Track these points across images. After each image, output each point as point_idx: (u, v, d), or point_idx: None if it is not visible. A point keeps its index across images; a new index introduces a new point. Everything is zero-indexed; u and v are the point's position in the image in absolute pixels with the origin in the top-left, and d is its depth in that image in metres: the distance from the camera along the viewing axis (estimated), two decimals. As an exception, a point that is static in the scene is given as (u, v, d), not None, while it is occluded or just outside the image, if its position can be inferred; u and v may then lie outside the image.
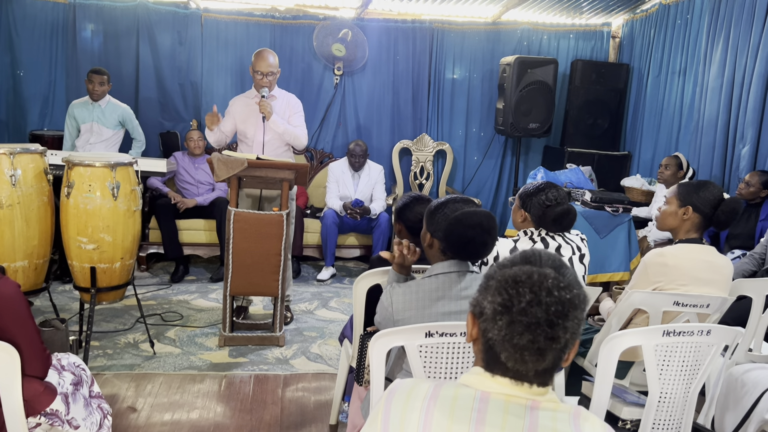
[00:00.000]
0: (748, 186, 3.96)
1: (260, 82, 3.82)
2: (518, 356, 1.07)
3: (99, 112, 4.88)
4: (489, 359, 1.12)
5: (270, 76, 3.83)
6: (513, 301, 1.06)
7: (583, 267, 2.51)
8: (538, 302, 1.05)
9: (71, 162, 3.18)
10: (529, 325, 1.05)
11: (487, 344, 1.11)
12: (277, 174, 3.59)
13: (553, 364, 1.09)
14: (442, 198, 2.07)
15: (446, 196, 2.08)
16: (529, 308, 1.05)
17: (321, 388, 3.30)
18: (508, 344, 1.07)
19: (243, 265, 3.59)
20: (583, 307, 1.09)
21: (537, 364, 1.07)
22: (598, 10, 5.84)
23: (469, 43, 6.04)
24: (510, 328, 1.06)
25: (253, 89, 3.95)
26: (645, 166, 5.50)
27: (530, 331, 1.05)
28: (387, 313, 1.98)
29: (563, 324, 1.06)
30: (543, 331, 1.05)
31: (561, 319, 1.05)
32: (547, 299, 1.05)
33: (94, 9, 5.50)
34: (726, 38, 4.46)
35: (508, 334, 1.06)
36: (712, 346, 1.97)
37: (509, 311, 1.06)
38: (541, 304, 1.05)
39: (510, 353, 1.07)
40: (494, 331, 1.08)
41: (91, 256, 3.21)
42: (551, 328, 1.05)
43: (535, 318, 1.05)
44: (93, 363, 3.37)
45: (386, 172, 5.82)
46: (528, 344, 1.05)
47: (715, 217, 2.41)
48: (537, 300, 1.05)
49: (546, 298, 1.05)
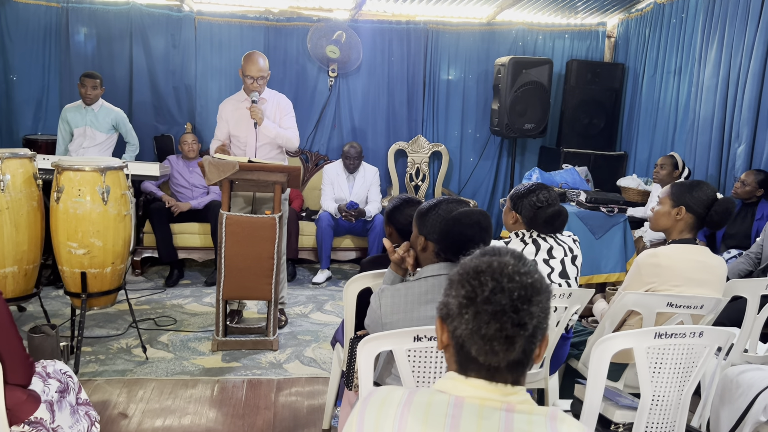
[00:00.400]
0: (744, 185, 3.94)
1: (250, 87, 3.78)
2: (488, 347, 1.06)
3: (92, 116, 4.86)
4: (461, 359, 1.11)
5: (260, 80, 3.78)
6: (476, 291, 1.06)
7: (575, 268, 2.49)
8: (501, 289, 1.05)
9: (60, 167, 3.16)
10: (495, 313, 1.05)
11: (458, 344, 1.10)
12: (269, 177, 3.56)
13: (524, 355, 1.08)
14: (433, 200, 2.04)
15: (436, 198, 2.05)
16: (493, 296, 1.05)
17: (314, 392, 3.27)
18: (476, 336, 1.06)
19: (235, 268, 3.56)
20: (546, 294, 1.09)
21: (507, 353, 1.06)
22: (593, 10, 5.82)
23: (463, 43, 6.02)
24: (476, 319, 1.06)
25: (243, 92, 3.92)
26: (641, 165, 5.48)
27: (496, 318, 1.05)
28: (375, 316, 1.96)
29: (528, 309, 1.05)
30: (509, 317, 1.04)
31: (525, 303, 1.05)
32: (510, 285, 1.06)
33: (87, 12, 5.48)
34: (721, 37, 4.44)
35: (475, 326, 1.06)
36: (704, 348, 1.95)
37: (473, 302, 1.06)
38: (504, 291, 1.05)
39: (480, 345, 1.06)
40: (461, 326, 1.08)
41: (82, 261, 3.19)
42: (516, 314, 1.05)
43: (499, 305, 1.05)
44: (84, 369, 3.34)
45: (382, 174, 5.79)
46: (496, 333, 1.05)
47: (709, 218, 2.39)
48: (500, 287, 1.05)
49: (508, 284, 1.06)
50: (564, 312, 2.38)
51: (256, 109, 3.73)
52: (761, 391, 2.26)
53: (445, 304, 1.13)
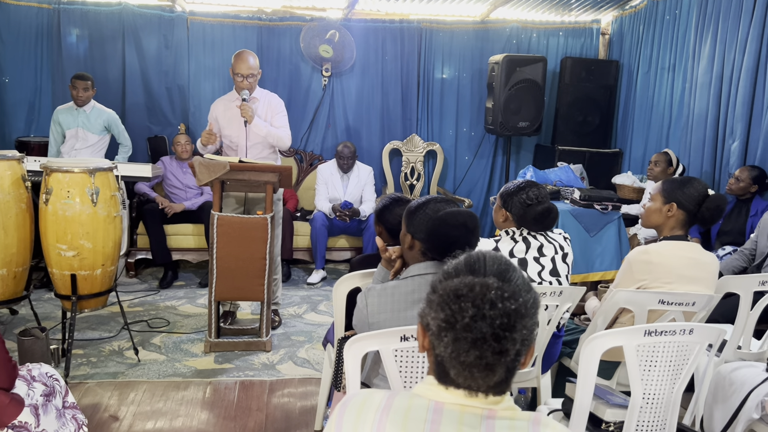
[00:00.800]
0: (738, 181, 3.92)
1: (240, 85, 3.77)
2: (467, 373, 1.02)
3: (84, 118, 4.84)
4: (440, 373, 1.07)
5: (250, 78, 3.77)
6: (456, 317, 1.01)
7: (566, 266, 2.47)
8: (482, 317, 0.99)
9: (49, 168, 3.14)
10: (475, 341, 0.99)
11: (437, 360, 1.06)
12: (261, 177, 3.54)
13: (507, 374, 1.04)
14: (422, 198, 2.02)
15: (425, 197, 2.03)
16: (473, 323, 0.99)
17: (307, 393, 3.25)
18: (455, 362, 1.02)
19: (227, 269, 3.54)
20: (532, 314, 1.03)
21: (487, 380, 1.02)
22: (587, 7, 5.81)
23: (457, 42, 6.00)
24: (456, 345, 1.01)
25: (234, 92, 3.90)
26: (636, 163, 5.47)
27: (476, 347, 0.99)
28: (362, 315, 1.94)
29: (511, 336, 1.00)
30: (489, 346, 0.99)
31: (508, 331, 1.00)
32: (491, 312, 0.99)
33: (79, 14, 5.46)
34: (714, 33, 4.43)
35: (454, 352, 1.01)
36: (695, 345, 1.93)
37: (453, 328, 1.01)
38: (485, 318, 0.99)
39: (458, 370, 1.02)
40: (440, 347, 1.03)
41: (71, 264, 3.16)
42: (498, 342, 0.99)
43: (480, 333, 0.99)
44: (76, 372, 3.32)
45: (376, 173, 5.78)
46: (476, 361, 1.00)
47: (700, 214, 2.37)
48: (480, 314, 0.99)
49: (489, 311, 0.99)
50: (555, 310, 2.36)
51: (246, 107, 3.72)
52: (754, 388, 2.24)
53: (425, 316, 1.08)
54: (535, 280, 2.42)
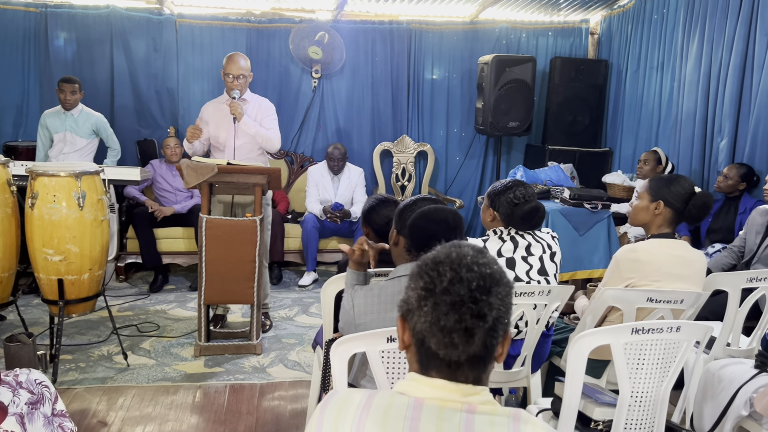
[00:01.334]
0: (727, 179, 3.94)
1: (231, 85, 3.79)
2: (447, 340, 1.03)
3: (72, 122, 4.81)
4: (422, 357, 1.08)
5: (240, 79, 3.79)
6: (435, 282, 1.05)
7: (554, 265, 2.46)
8: (459, 279, 1.04)
9: (35, 172, 3.11)
10: (453, 303, 1.03)
11: (418, 340, 1.07)
12: (249, 179, 3.53)
13: (485, 350, 1.05)
14: (411, 198, 2.03)
15: (416, 196, 2.04)
16: (451, 286, 1.03)
17: (298, 396, 3.24)
18: (435, 328, 1.04)
19: (217, 272, 3.52)
20: (506, 285, 1.07)
21: (467, 346, 1.04)
22: (575, 7, 5.82)
23: (447, 42, 6.00)
24: (435, 310, 1.04)
25: (225, 94, 3.90)
26: (626, 161, 5.48)
27: (455, 309, 1.03)
28: (348, 317, 1.93)
29: (487, 300, 1.03)
30: (468, 308, 1.02)
31: (484, 294, 1.03)
32: (468, 275, 1.04)
33: (66, 17, 5.43)
34: (701, 32, 4.44)
35: (434, 318, 1.04)
36: (682, 343, 1.93)
37: (432, 293, 1.04)
38: (462, 281, 1.03)
39: (439, 338, 1.04)
40: (421, 319, 1.05)
41: (58, 268, 3.14)
42: (475, 304, 1.03)
43: (458, 296, 1.03)
44: (64, 377, 3.29)
45: (367, 174, 5.77)
46: (455, 324, 1.03)
47: (687, 212, 2.37)
48: (458, 277, 1.04)
49: (466, 274, 1.04)
50: (544, 309, 2.36)
51: (236, 104, 3.73)
52: (742, 385, 2.24)
53: (405, 300, 1.11)
54: (523, 280, 2.42)
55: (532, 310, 2.34)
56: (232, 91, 3.77)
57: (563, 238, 4.03)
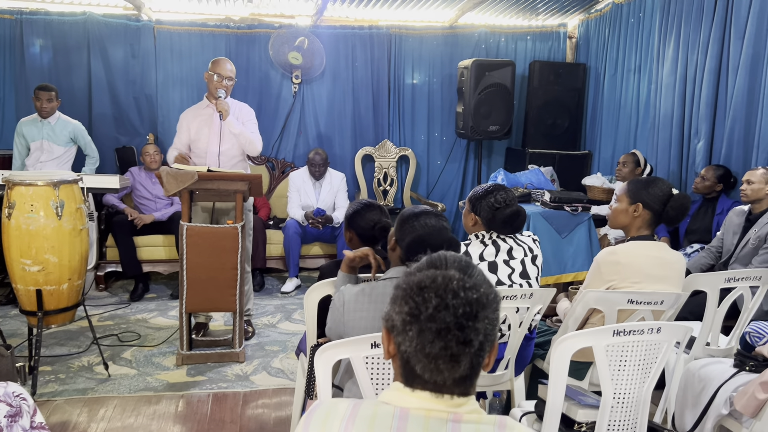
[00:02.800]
0: (704, 180, 3.99)
1: (217, 84, 3.78)
2: (433, 366, 1.02)
3: (49, 129, 4.75)
4: (407, 373, 1.07)
5: (228, 81, 3.81)
6: (420, 308, 1.02)
7: (536, 268, 2.48)
8: (445, 306, 1.01)
9: (11, 182, 3.07)
10: (439, 331, 1.01)
11: (403, 358, 1.06)
12: (230, 186, 3.51)
13: (471, 370, 1.04)
14: (418, 208, 2.03)
15: (421, 207, 2.04)
16: (437, 313, 1.01)
17: (282, 403, 3.22)
18: (420, 354, 1.02)
19: (198, 280, 3.49)
20: (494, 307, 1.05)
21: (453, 372, 1.02)
22: (553, 11, 5.87)
23: (427, 47, 6.03)
24: (420, 337, 1.02)
25: (205, 100, 3.89)
26: (605, 164, 5.53)
27: (441, 337, 1.01)
28: (338, 314, 1.93)
29: (474, 326, 1.02)
30: (454, 335, 1.00)
31: (471, 320, 1.01)
32: (454, 302, 1.01)
33: (42, 24, 5.36)
34: (677, 35, 4.51)
35: (419, 344, 1.02)
36: (663, 344, 1.95)
37: (417, 319, 1.02)
38: (448, 308, 1.01)
39: (424, 364, 1.02)
40: (406, 342, 1.04)
41: (36, 279, 3.09)
42: (461, 331, 1.01)
43: (443, 323, 1.01)
44: (43, 389, 3.24)
45: (349, 179, 5.76)
46: (441, 352, 1.01)
47: (665, 213, 2.40)
48: (444, 304, 1.01)
49: (452, 300, 1.01)
50: (526, 312, 2.37)
51: (222, 102, 3.72)
52: (722, 384, 2.28)
53: (389, 317, 1.09)
54: (505, 283, 2.43)
55: (514, 313, 2.35)
56: (218, 90, 3.77)
57: (545, 241, 4.07)
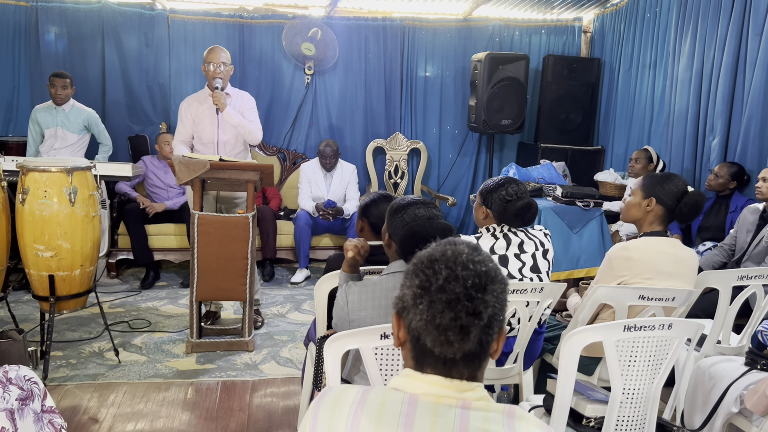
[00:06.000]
0: (717, 177, 3.96)
1: (212, 74, 3.78)
2: (443, 338, 1.03)
3: (63, 117, 4.77)
4: (417, 354, 1.08)
5: (222, 68, 3.79)
6: (431, 280, 1.04)
7: (546, 262, 2.47)
8: (455, 277, 1.03)
9: (26, 168, 3.09)
10: (449, 301, 1.02)
11: (414, 337, 1.07)
12: (242, 175, 3.51)
13: (480, 347, 1.05)
14: (405, 199, 2.01)
15: (408, 198, 2.02)
16: (447, 284, 1.03)
17: (290, 392, 3.23)
18: (431, 326, 1.04)
19: (208, 269, 3.51)
20: (501, 282, 1.07)
21: (463, 344, 1.04)
22: (568, 5, 5.83)
23: (440, 40, 6.00)
24: (431, 308, 1.03)
25: (206, 89, 3.91)
26: (618, 160, 5.50)
27: (451, 307, 1.02)
28: (342, 312, 1.93)
29: (483, 297, 1.03)
30: (463, 306, 1.02)
31: (480, 292, 1.03)
32: (464, 273, 1.04)
33: (57, 11, 5.39)
34: (694, 31, 4.46)
35: (429, 316, 1.03)
36: (674, 340, 1.94)
37: (428, 291, 1.04)
38: (458, 279, 1.03)
39: (434, 336, 1.04)
40: (416, 317, 1.05)
41: (49, 264, 3.12)
42: (471, 302, 1.03)
43: (453, 294, 1.03)
44: (54, 374, 3.28)
45: (360, 171, 5.76)
46: (450, 323, 1.02)
47: (678, 210, 2.38)
48: (454, 275, 1.04)
49: (462, 272, 1.04)
50: (536, 307, 2.36)
51: (219, 95, 3.72)
52: (733, 382, 2.26)
53: (401, 298, 1.10)
54: (516, 277, 2.42)
55: (524, 307, 2.34)
56: (215, 80, 3.76)
57: (556, 236, 4.05)
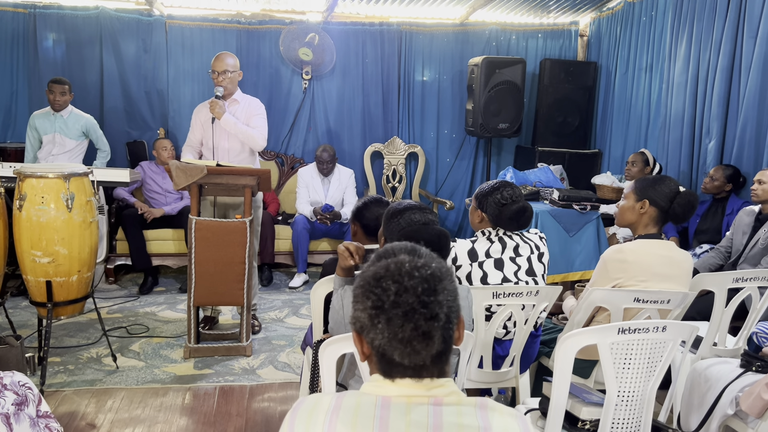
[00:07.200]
0: (713, 180, 3.97)
1: (215, 82, 3.80)
2: (409, 349, 1.04)
3: (61, 123, 4.79)
4: (385, 366, 1.09)
5: (224, 75, 3.79)
6: (382, 298, 1.05)
7: (542, 266, 2.48)
8: (404, 289, 1.05)
9: (23, 174, 3.10)
10: (405, 313, 1.04)
11: (379, 353, 1.08)
12: (239, 180, 3.52)
13: (444, 344, 1.07)
14: (402, 203, 2.02)
15: (405, 202, 2.03)
16: (399, 298, 1.04)
17: (288, 397, 3.24)
18: (394, 341, 1.05)
19: (206, 274, 3.51)
20: (448, 277, 1.09)
21: (429, 349, 1.05)
22: (565, 9, 5.85)
23: (437, 44, 6.02)
24: (390, 325, 1.04)
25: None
26: (615, 163, 5.51)
27: (408, 319, 1.03)
28: (338, 316, 1.93)
29: (436, 299, 1.05)
30: (420, 314, 1.04)
31: (431, 295, 1.05)
32: (411, 282, 1.05)
33: (55, 18, 5.40)
34: (689, 34, 4.48)
35: (390, 332, 1.04)
36: (668, 342, 1.94)
37: (382, 310, 1.05)
38: (408, 290, 1.04)
39: (401, 350, 1.05)
40: (378, 336, 1.06)
41: (47, 270, 3.12)
42: (426, 308, 1.04)
43: (407, 305, 1.04)
44: (52, 380, 3.28)
45: (358, 176, 5.77)
46: (412, 333, 1.04)
47: (672, 211, 2.39)
48: (403, 288, 1.05)
49: (409, 282, 1.05)
50: (532, 309, 2.37)
51: (215, 103, 3.73)
52: (728, 384, 2.27)
53: (356, 318, 1.11)
54: (511, 280, 2.43)
55: (520, 310, 2.35)
56: (216, 88, 3.78)
57: (553, 239, 4.06)
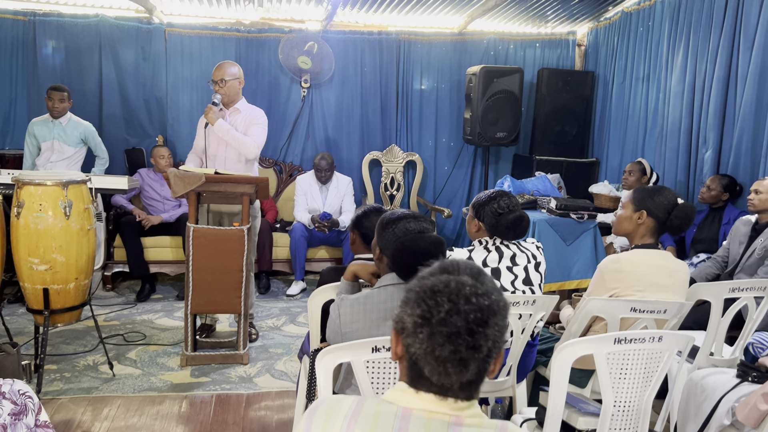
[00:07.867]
0: (710, 190, 3.98)
1: (214, 90, 3.83)
2: (441, 369, 1.03)
3: (60, 130, 4.79)
4: (413, 375, 1.08)
5: (222, 83, 3.80)
6: (432, 311, 1.03)
7: (539, 275, 2.48)
8: (456, 311, 1.02)
9: (21, 181, 3.10)
10: (450, 335, 1.01)
11: (411, 360, 1.07)
12: (237, 188, 3.53)
13: (477, 375, 1.05)
14: (395, 212, 2.02)
15: (399, 211, 2.03)
16: (449, 318, 1.02)
17: (285, 406, 3.23)
18: (430, 357, 1.03)
19: (204, 282, 3.51)
20: (503, 314, 1.06)
21: (460, 375, 1.03)
22: (562, 19, 5.88)
23: (436, 53, 6.05)
24: (431, 340, 1.02)
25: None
26: (613, 172, 5.53)
27: (451, 341, 1.01)
28: (335, 326, 1.94)
29: (484, 332, 1.02)
30: (464, 340, 1.01)
31: (481, 326, 1.02)
32: (466, 307, 1.02)
33: (55, 25, 5.42)
34: (686, 44, 4.50)
35: (429, 347, 1.02)
36: (664, 352, 1.95)
37: (429, 323, 1.03)
38: (460, 313, 1.02)
39: (433, 366, 1.03)
40: (416, 345, 1.04)
41: (44, 277, 3.12)
42: (472, 337, 1.01)
43: (455, 327, 1.01)
44: (48, 387, 3.27)
45: (356, 184, 5.78)
46: (450, 355, 1.02)
47: (669, 222, 2.40)
48: (456, 309, 1.02)
49: (464, 306, 1.02)
50: (529, 319, 2.37)
51: (209, 108, 3.77)
52: (725, 395, 2.27)
53: (400, 319, 1.09)
54: (508, 289, 2.43)
55: (517, 320, 2.35)
56: (214, 95, 3.81)
57: (550, 248, 4.07)
